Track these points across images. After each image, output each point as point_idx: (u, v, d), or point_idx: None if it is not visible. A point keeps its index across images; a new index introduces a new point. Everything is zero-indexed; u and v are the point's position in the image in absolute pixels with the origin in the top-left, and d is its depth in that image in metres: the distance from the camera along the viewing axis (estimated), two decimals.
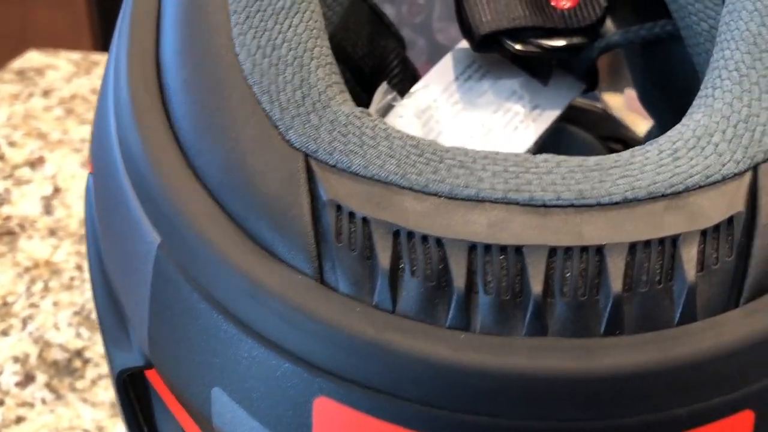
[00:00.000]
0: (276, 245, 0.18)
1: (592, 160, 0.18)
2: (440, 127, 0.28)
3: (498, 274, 0.17)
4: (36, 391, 0.43)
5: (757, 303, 0.17)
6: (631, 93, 0.40)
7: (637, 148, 0.19)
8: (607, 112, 0.38)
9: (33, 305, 0.49)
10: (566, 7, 0.28)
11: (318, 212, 0.17)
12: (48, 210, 0.56)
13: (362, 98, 0.31)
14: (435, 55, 0.41)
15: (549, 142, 0.29)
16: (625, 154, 0.18)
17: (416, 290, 0.17)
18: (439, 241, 0.17)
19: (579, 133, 0.36)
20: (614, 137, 0.37)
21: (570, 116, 0.33)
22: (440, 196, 0.17)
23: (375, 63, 0.31)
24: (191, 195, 0.19)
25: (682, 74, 0.28)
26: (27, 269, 0.51)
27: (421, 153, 0.18)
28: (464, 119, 0.28)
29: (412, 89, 0.29)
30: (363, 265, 0.17)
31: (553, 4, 0.28)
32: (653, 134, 0.33)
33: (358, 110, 0.19)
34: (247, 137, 0.19)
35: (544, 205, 0.17)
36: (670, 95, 0.30)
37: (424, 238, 0.17)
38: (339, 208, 0.17)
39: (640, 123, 0.41)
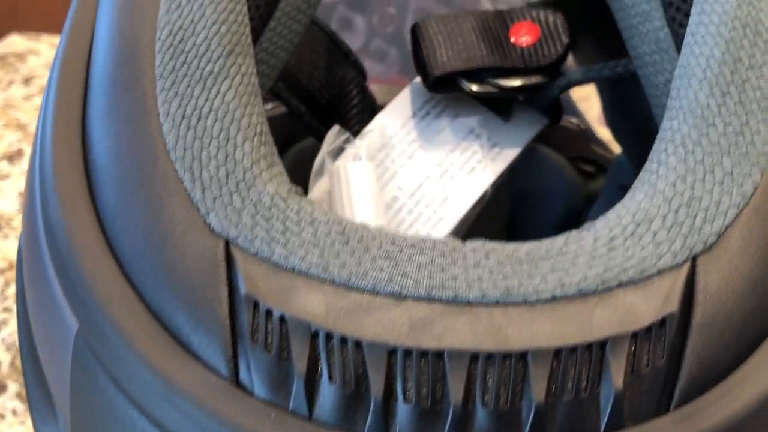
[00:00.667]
0: (192, 340, 0.17)
1: (523, 249, 0.18)
2: (396, 167, 0.27)
3: (418, 381, 0.16)
4: (7, 401, 0.43)
5: (688, 408, 0.16)
6: None
7: (573, 233, 0.18)
8: (580, 128, 0.38)
9: (7, 309, 0.48)
10: (526, 44, 0.27)
11: (236, 307, 0.17)
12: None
13: (319, 131, 0.30)
14: (407, 66, 0.40)
15: (518, 164, 0.29)
16: (559, 241, 0.18)
17: (334, 396, 0.16)
18: (358, 344, 0.16)
19: (549, 154, 0.35)
20: (585, 157, 0.36)
21: (541, 134, 0.33)
22: (363, 292, 0.17)
23: (333, 94, 0.30)
24: (108, 280, 0.18)
25: (647, 109, 0.27)
26: (1, 271, 0.51)
27: (347, 241, 0.17)
28: (421, 159, 0.28)
29: (366, 129, 0.28)
30: (279, 368, 0.16)
31: (512, 40, 0.27)
32: (622, 163, 0.32)
33: (284, 189, 0.18)
34: (167, 219, 0.18)
35: (469, 303, 0.17)
36: (636, 126, 0.29)
37: (343, 340, 0.16)
38: (256, 304, 0.17)
39: None
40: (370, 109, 0.30)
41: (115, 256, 0.18)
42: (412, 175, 0.27)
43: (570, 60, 0.27)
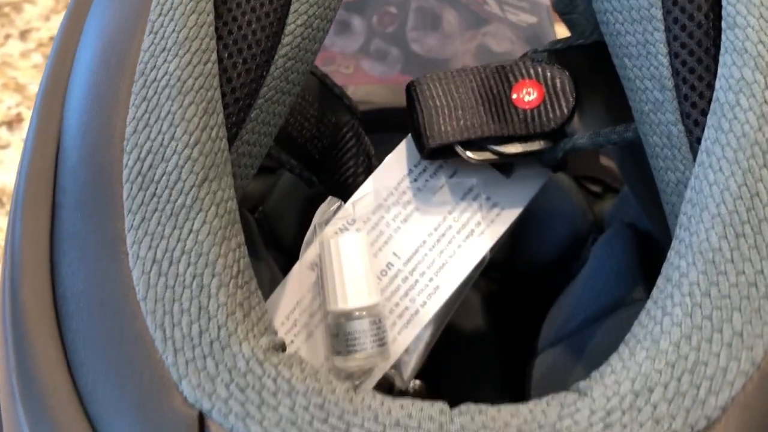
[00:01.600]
0: None
1: (514, 424, 0.17)
2: (390, 231, 0.26)
3: None
4: None
5: None
6: None
7: (569, 399, 0.17)
8: None
9: None
10: (529, 106, 0.25)
11: None
12: None
13: (311, 181, 0.29)
14: (409, 64, 0.38)
15: None
16: (553, 412, 0.17)
17: None
18: None
19: (555, 175, 0.34)
20: (592, 177, 0.35)
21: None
22: None
23: (326, 143, 0.28)
24: None
25: None
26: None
27: (326, 418, 0.17)
28: (417, 222, 0.26)
29: (359, 192, 0.26)
30: None
31: (515, 101, 0.25)
32: (629, 198, 0.31)
33: (261, 347, 0.17)
34: (139, 386, 0.17)
35: None
36: (650, 184, 0.28)
37: None
38: None
39: None
40: (365, 155, 0.29)
41: (82, 402, 0.18)
42: (407, 241, 0.26)
43: (576, 119, 0.25)
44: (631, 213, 0.32)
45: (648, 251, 0.30)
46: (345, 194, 0.29)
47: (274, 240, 0.36)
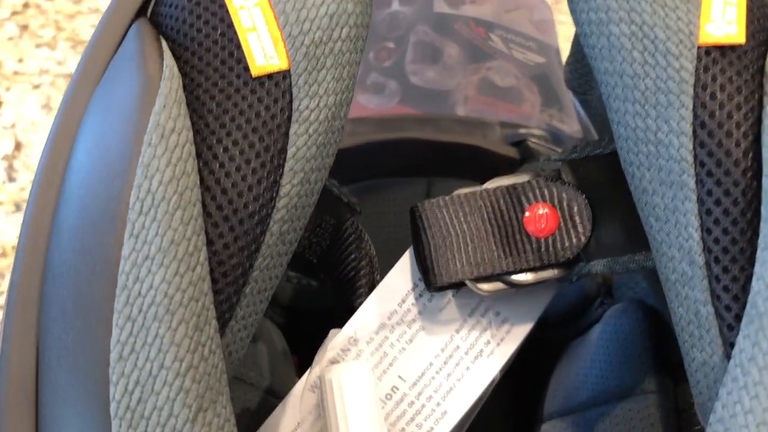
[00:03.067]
0: None
1: None
2: (395, 352, 0.25)
3: None
4: None
5: None
6: None
7: None
8: None
9: None
10: (544, 234, 0.23)
11: None
12: (11, 175, 0.53)
13: (310, 285, 0.27)
14: (409, 96, 0.35)
15: None
16: None
17: None
18: None
19: None
20: None
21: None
22: None
23: (324, 245, 0.27)
24: None
25: None
26: None
27: None
28: (422, 343, 0.25)
29: (358, 315, 0.25)
30: None
31: (528, 228, 0.23)
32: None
33: None
34: None
35: None
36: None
37: None
38: None
39: None
40: (368, 256, 0.27)
41: None
42: (413, 363, 0.25)
43: (592, 244, 0.23)
44: (639, 287, 0.30)
45: (658, 332, 0.29)
46: (346, 291, 0.27)
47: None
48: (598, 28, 0.20)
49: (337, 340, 0.25)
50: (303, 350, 0.31)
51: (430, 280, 0.23)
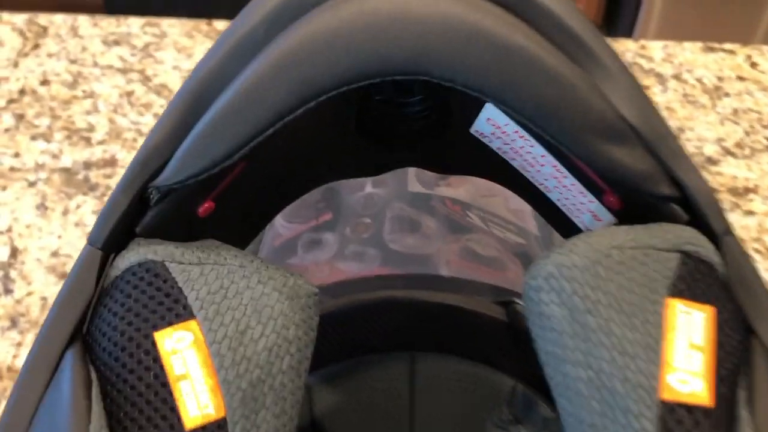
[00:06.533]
0: None
1: None
2: None
3: None
4: None
5: None
6: None
7: None
8: None
9: None
10: None
11: None
12: (7, 286, 0.52)
13: None
14: (388, 260, 0.34)
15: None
16: None
17: None
18: None
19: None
20: None
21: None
22: None
23: None
24: None
25: None
26: None
27: None
28: None
29: None
30: None
31: None
32: None
33: None
34: None
35: None
36: None
37: None
38: None
39: None
40: None
41: None
42: None
43: None
44: None
45: None
46: None
47: None
48: (555, 362, 0.18)
49: None
50: None
51: None
